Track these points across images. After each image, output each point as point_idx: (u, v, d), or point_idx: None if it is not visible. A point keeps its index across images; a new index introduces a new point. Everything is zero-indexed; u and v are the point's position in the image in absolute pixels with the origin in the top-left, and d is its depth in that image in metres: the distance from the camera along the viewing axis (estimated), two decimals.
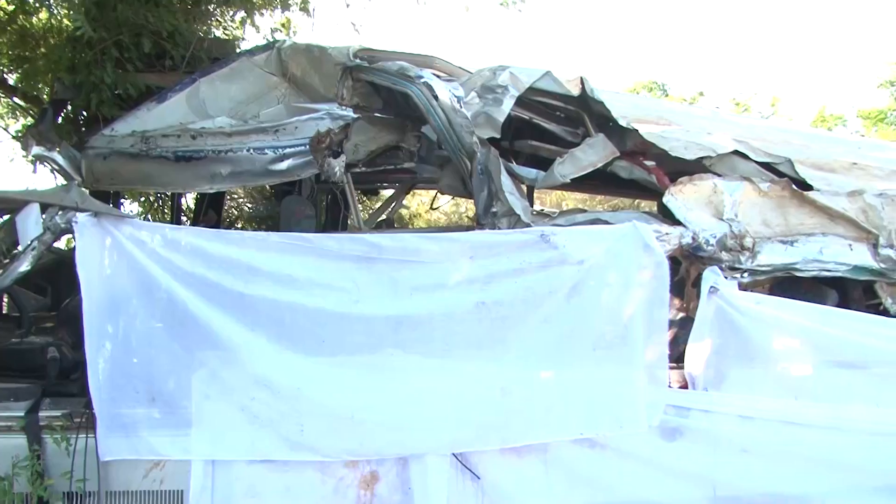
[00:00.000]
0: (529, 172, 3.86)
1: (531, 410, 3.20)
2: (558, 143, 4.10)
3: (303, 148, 3.88)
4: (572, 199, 7.96)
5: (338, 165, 3.65)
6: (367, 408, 3.15)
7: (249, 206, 8.42)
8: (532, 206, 4.51)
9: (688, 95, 18.04)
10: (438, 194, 6.07)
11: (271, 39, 5.36)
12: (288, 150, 3.95)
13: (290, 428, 3.10)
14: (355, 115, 3.88)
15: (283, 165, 3.95)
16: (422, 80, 3.62)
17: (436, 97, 3.54)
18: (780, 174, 3.80)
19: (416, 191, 6.89)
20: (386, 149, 4.27)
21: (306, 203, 4.62)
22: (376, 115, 4.21)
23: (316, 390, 3.11)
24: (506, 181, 3.39)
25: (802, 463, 3.48)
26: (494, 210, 3.40)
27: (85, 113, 4.50)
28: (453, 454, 3.19)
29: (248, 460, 3.11)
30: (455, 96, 3.58)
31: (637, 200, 6.18)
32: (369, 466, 3.21)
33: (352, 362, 3.15)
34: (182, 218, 6.14)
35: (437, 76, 3.84)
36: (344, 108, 3.92)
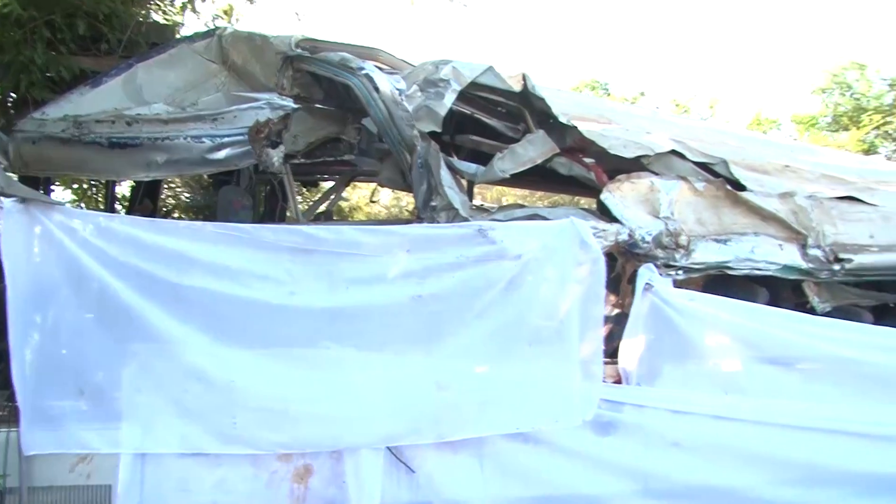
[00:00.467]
0: (469, 167, 3.92)
1: (466, 405, 3.26)
2: (499, 138, 4.17)
3: (241, 137, 3.86)
4: (513, 195, 8.06)
5: (276, 156, 3.66)
6: (302, 401, 3.17)
7: (187, 195, 8.33)
8: (472, 201, 4.59)
9: (629, 95, 18.40)
10: (379, 187, 6.10)
11: (212, 26, 5.32)
12: (226, 140, 3.93)
13: (223, 421, 3.10)
14: (295, 106, 3.88)
15: (221, 155, 3.93)
16: (363, 72, 3.65)
17: (377, 89, 3.58)
18: (716, 174, 3.93)
19: (356, 183, 6.90)
20: (326, 140, 4.29)
21: (244, 193, 4.61)
22: (317, 106, 4.23)
23: (250, 383, 3.12)
24: (445, 175, 3.44)
25: (731, 456, 3.61)
26: (434, 204, 3.45)
27: (14, 95, 4.41)
28: (388, 448, 3.23)
29: (180, 454, 3.10)
30: (396, 89, 3.62)
31: (577, 197, 6.29)
32: (303, 460, 3.22)
33: (286, 355, 3.17)
34: (116, 206, 6.05)
35: (380, 68, 3.87)
36: (284, 98, 3.92)
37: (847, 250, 3.91)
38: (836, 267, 3.87)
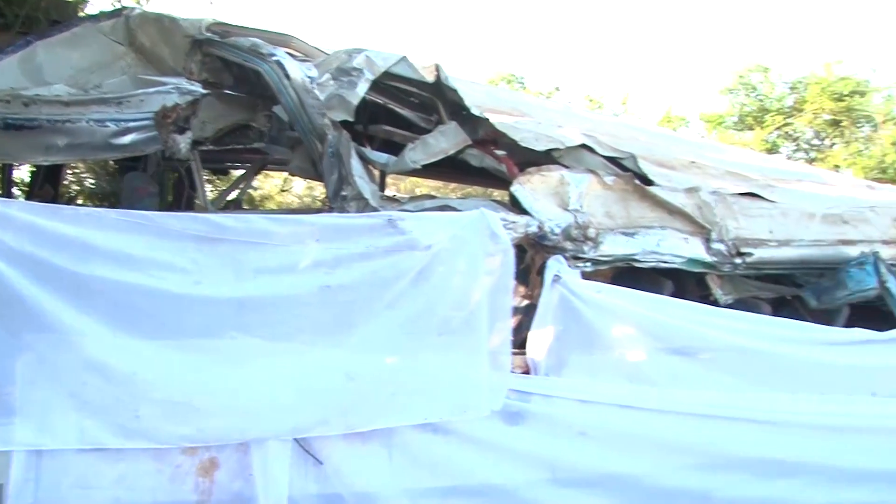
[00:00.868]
0: (381, 157, 3.95)
1: (375, 395, 3.28)
2: (412, 129, 4.22)
3: (147, 122, 3.80)
4: (426, 186, 8.13)
5: (183, 142, 3.61)
6: (207, 392, 3.14)
7: (92, 181, 8.10)
8: (385, 192, 4.63)
9: (545, 90, 18.77)
10: (290, 176, 6.07)
11: (119, 6, 5.20)
12: (132, 124, 3.86)
13: (124, 414, 3.05)
14: (204, 91, 3.84)
15: (126, 140, 3.86)
16: (274, 59, 3.63)
17: (288, 76, 3.57)
18: (625, 169, 4.06)
19: (269, 172, 6.85)
20: (235, 127, 4.25)
21: (150, 180, 4.53)
22: (226, 92, 4.19)
23: (152, 375, 3.07)
24: (356, 165, 3.46)
25: (637, 444, 3.74)
26: (344, 194, 3.47)
27: None
28: (296, 440, 3.22)
29: (78, 449, 3.03)
30: (308, 77, 3.62)
31: (490, 190, 6.39)
32: (209, 453, 3.19)
33: (191, 345, 3.13)
34: (14, 192, 5.85)
35: (292, 55, 3.87)
36: (193, 82, 3.87)
37: (748, 245, 4.10)
38: (738, 260, 4.05)
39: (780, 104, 18.99)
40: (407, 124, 4.30)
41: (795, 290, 4.66)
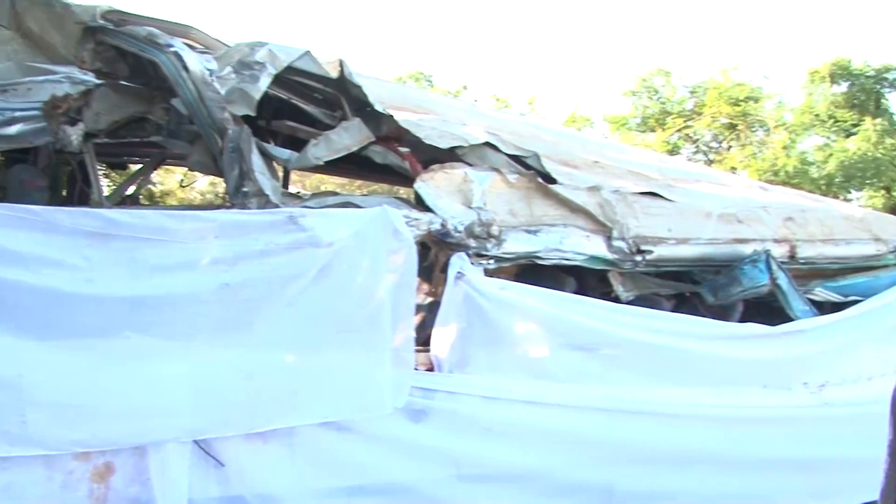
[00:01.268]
0: (283, 153, 3.92)
1: (277, 395, 3.27)
2: (316, 125, 4.20)
3: (36, 112, 3.68)
4: (331, 184, 8.11)
5: (75, 134, 3.52)
6: (101, 395, 3.08)
7: None
8: (289, 189, 4.60)
9: (452, 88, 19.06)
10: (190, 171, 5.95)
11: None
12: (18, 114, 3.73)
13: (10, 420, 2.95)
14: (98, 81, 3.74)
15: (12, 130, 3.72)
16: (171, 49, 3.56)
17: (186, 68, 3.51)
18: (529, 167, 4.15)
19: (170, 167, 6.70)
20: (131, 119, 4.14)
21: (38, 173, 4.38)
22: (122, 83, 4.08)
23: (41, 378, 2.99)
24: (257, 161, 3.44)
25: (541, 439, 3.84)
26: (245, 190, 3.44)
27: None
28: (195, 441, 3.19)
29: None
30: (207, 69, 3.57)
31: (396, 187, 6.42)
32: (103, 458, 3.13)
33: (83, 346, 3.06)
34: None
35: (191, 47, 3.80)
36: (85, 72, 3.77)
37: (648, 242, 4.24)
38: (638, 258, 4.19)
39: (681, 107, 19.86)
40: (311, 120, 4.27)
41: (693, 286, 4.85)
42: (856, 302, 5.26)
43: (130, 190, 5.34)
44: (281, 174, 4.88)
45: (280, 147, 4.16)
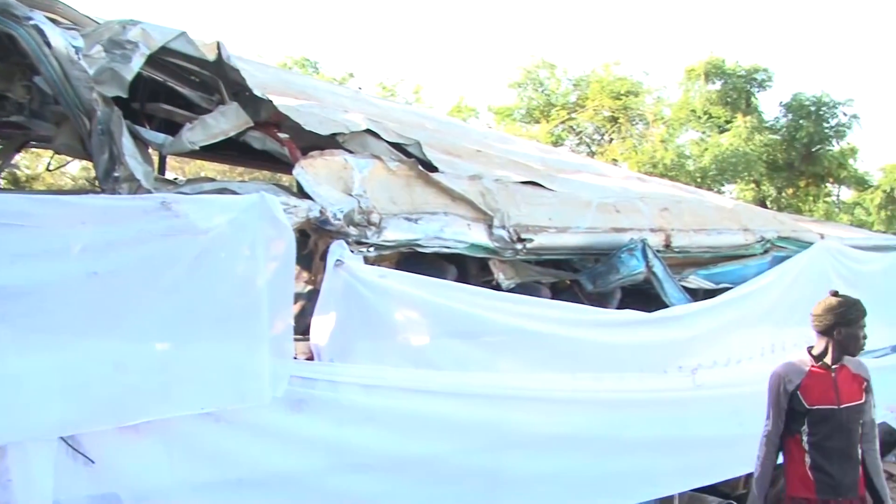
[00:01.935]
0: (157, 137, 3.81)
1: (150, 386, 3.17)
2: (194, 109, 4.11)
3: None
4: (212, 170, 7.95)
5: None
6: None
7: None
8: (165, 175, 4.49)
9: (338, 75, 19.07)
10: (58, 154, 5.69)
11: None
12: None
13: None
14: None
15: None
16: (31, 23, 3.37)
17: (48, 44, 3.35)
18: (410, 155, 4.19)
19: (39, 151, 6.41)
20: None
21: None
22: None
23: None
24: (128, 144, 3.34)
25: (423, 427, 3.89)
26: (116, 175, 3.33)
27: None
28: (61, 438, 3.07)
29: None
30: (73, 46, 3.42)
31: (279, 175, 6.37)
32: None
33: None
34: None
35: (54, 21, 3.63)
36: None
37: (529, 231, 4.36)
38: (519, 246, 4.30)
39: (565, 100, 20.48)
40: (188, 104, 4.17)
41: (573, 274, 5.02)
42: (727, 289, 5.55)
43: None
44: (156, 159, 4.76)
45: (156, 131, 4.03)
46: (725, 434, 5.42)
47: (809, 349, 4.09)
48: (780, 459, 4.15)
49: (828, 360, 3.99)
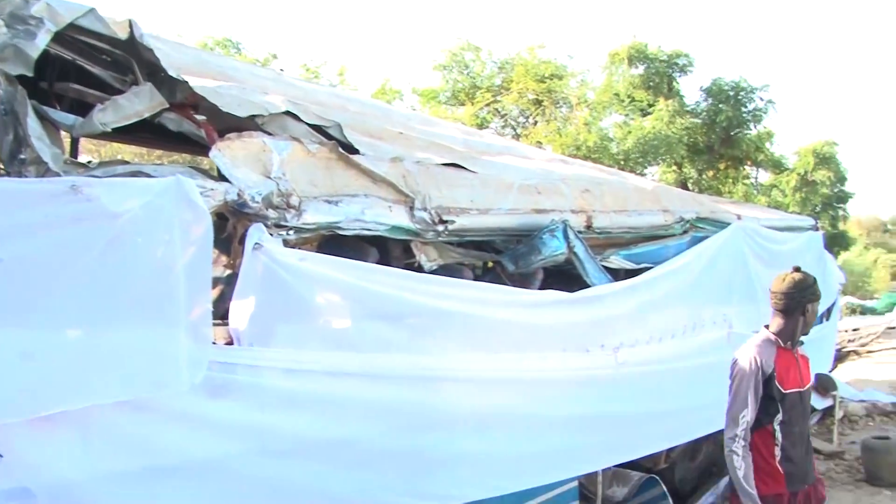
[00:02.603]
0: (67, 118, 3.70)
1: (61, 376, 3.07)
2: (106, 89, 4.00)
3: None
4: (130, 153, 7.76)
5: None
6: None
7: None
8: (77, 158, 4.36)
9: (262, 57, 18.91)
10: None
11: None
12: None
13: None
14: None
15: None
16: None
17: None
18: (331, 137, 4.15)
19: None
20: None
21: None
22: None
23: None
24: (34, 125, 3.22)
25: (347, 410, 3.89)
26: (22, 157, 3.22)
27: None
28: None
29: None
30: None
31: (200, 158, 6.25)
32: None
33: None
34: None
35: None
36: None
37: (450, 213, 4.38)
38: (441, 228, 4.32)
39: (490, 83, 20.66)
40: (100, 84, 4.05)
41: (495, 256, 5.07)
42: (647, 269, 5.69)
43: None
44: (69, 142, 4.62)
45: (67, 112, 3.91)
46: (647, 410, 5.59)
47: (769, 328, 3.97)
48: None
49: (794, 339, 3.89)
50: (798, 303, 3.83)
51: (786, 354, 3.88)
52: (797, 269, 3.96)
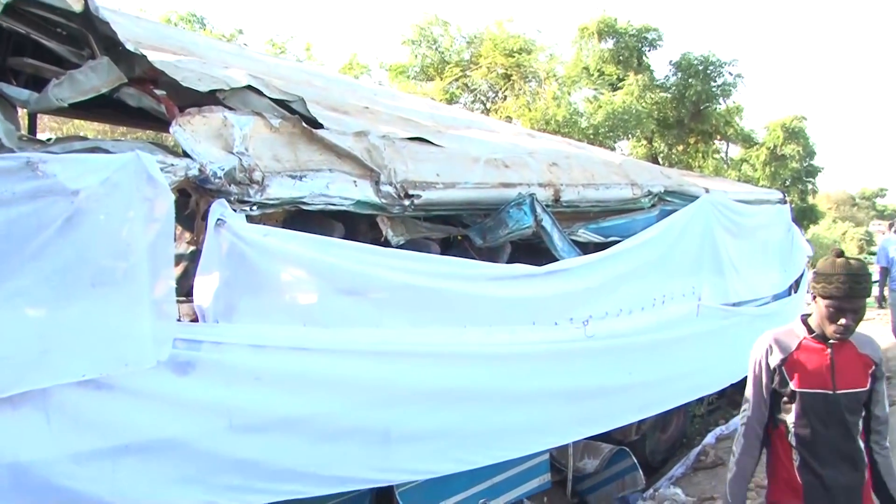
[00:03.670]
0: (21, 94, 3.64)
1: (21, 356, 3.04)
2: (63, 64, 3.94)
3: None
4: (91, 130, 7.66)
5: None
6: None
7: None
8: (36, 134, 4.31)
9: (227, 32, 18.75)
10: None
11: None
12: None
13: None
14: None
15: None
16: None
17: None
18: (294, 112, 4.13)
19: None
20: None
21: None
22: None
23: None
24: None
25: (312, 385, 3.91)
26: None
27: None
28: None
29: None
30: None
31: (163, 134, 6.19)
32: None
33: None
34: None
35: None
36: None
37: (416, 187, 4.38)
38: (407, 202, 4.32)
39: (459, 57, 20.62)
40: (57, 59, 3.99)
41: (462, 230, 5.08)
42: (615, 243, 5.74)
43: None
44: (26, 119, 4.56)
45: (22, 88, 3.85)
46: (617, 383, 5.66)
47: (805, 318, 3.34)
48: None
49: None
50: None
51: (813, 349, 3.24)
52: (839, 254, 3.18)
